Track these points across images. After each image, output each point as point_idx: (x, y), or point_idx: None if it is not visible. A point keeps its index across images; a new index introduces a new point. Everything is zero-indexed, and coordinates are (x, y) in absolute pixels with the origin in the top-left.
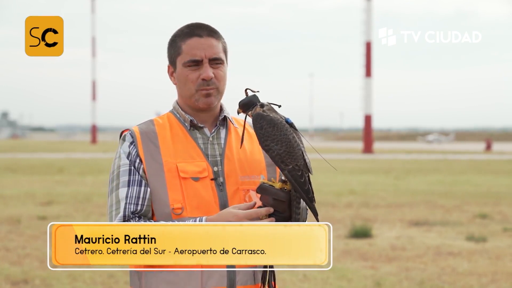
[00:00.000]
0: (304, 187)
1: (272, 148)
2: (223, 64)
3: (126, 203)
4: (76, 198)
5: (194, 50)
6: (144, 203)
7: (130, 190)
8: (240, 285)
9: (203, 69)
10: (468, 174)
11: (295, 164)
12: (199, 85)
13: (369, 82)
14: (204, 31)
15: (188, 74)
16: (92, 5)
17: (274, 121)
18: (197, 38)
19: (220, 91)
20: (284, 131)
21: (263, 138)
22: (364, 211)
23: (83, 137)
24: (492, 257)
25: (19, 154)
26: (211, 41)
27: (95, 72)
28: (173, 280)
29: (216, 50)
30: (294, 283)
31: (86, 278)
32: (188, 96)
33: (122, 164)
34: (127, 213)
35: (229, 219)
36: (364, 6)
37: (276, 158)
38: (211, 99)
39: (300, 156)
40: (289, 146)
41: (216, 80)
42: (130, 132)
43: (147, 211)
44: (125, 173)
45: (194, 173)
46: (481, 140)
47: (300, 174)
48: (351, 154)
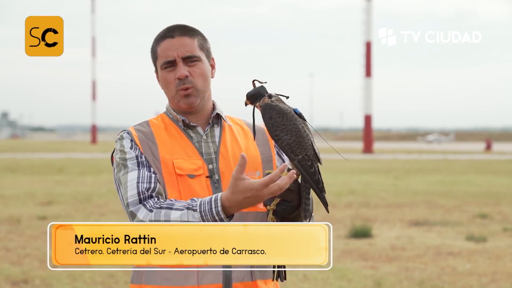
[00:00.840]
0: (314, 177)
1: (281, 138)
2: (199, 61)
3: (138, 182)
4: (76, 198)
5: (166, 52)
6: (156, 181)
7: (141, 171)
8: (236, 281)
9: (178, 68)
10: (468, 174)
11: (304, 154)
12: (177, 85)
13: (369, 82)
14: (176, 31)
15: (166, 76)
16: (92, 5)
17: (283, 110)
18: (169, 40)
19: (200, 89)
20: (293, 121)
21: (273, 128)
22: (364, 211)
23: (83, 137)
24: (492, 257)
25: (19, 154)
26: (184, 40)
27: (95, 72)
28: (170, 277)
29: (188, 48)
30: (294, 283)
31: (86, 278)
32: (170, 98)
33: (128, 152)
34: (140, 190)
35: (249, 198)
36: (364, 6)
37: (286, 148)
38: (191, 99)
39: (310, 146)
40: (298, 136)
41: (192, 78)
42: (127, 131)
43: (160, 190)
44: (132, 159)
45: (190, 171)
46: (481, 140)
47: (310, 164)
48: (351, 154)
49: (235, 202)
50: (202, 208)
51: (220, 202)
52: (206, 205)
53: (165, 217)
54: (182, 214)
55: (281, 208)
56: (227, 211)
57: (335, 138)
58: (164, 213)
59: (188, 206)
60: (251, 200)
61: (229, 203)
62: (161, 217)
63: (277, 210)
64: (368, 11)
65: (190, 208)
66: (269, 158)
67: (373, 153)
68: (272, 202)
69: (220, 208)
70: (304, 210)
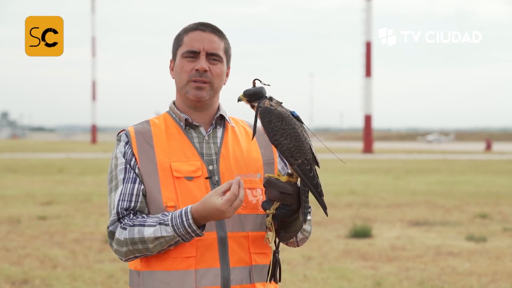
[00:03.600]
0: (313, 181)
1: (281, 142)
2: (221, 62)
3: (119, 200)
4: (76, 198)
5: (193, 42)
6: (138, 199)
7: (124, 187)
8: (235, 284)
9: (199, 60)
10: (468, 174)
11: (304, 158)
12: (192, 75)
13: (369, 82)
14: (208, 27)
15: (184, 64)
16: (92, 5)
17: (282, 115)
18: (200, 32)
19: (214, 87)
20: (292, 125)
21: (272, 132)
22: (364, 211)
23: (83, 137)
24: (492, 257)
25: (19, 154)
26: (213, 37)
27: (95, 72)
28: (167, 279)
29: (215, 45)
30: (294, 283)
31: (86, 278)
32: (180, 87)
33: (119, 163)
34: (119, 210)
35: (215, 215)
36: (364, 6)
37: (286, 152)
38: (202, 93)
39: (309, 149)
40: (298, 140)
41: (210, 75)
42: (126, 132)
43: (142, 207)
44: (121, 172)
45: (188, 173)
46: (481, 140)
47: (309, 168)
48: (351, 154)
49: (204, 215)
50: (174, 222)
51: (190, 215)
52: (177, 219)
53: (139, 234)
54: (155, 230)
55: (280, 212)
56: (198, 222)
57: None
58: (137, 230)
59: (160, 221)
60: (217, 217)
61: (198, 215)
62: (135, 235)
63: (276, 214)
64: (368, 11)
65: (162, 223)
66: (270, 161)
67: (373, 153)
68: (271, 206)
69: (192, 221)
70: (303, 213)
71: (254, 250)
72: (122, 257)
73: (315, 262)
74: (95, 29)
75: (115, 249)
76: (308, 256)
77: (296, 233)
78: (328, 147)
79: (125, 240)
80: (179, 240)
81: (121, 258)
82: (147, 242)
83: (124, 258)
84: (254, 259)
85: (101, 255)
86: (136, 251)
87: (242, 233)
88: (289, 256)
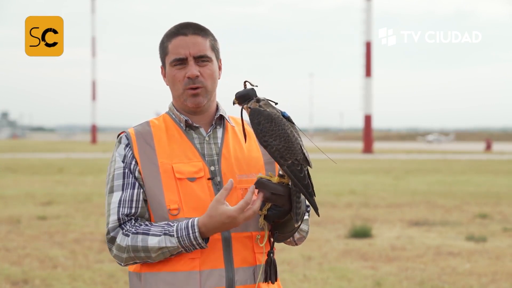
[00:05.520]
0: (303, 181)
1: (270, 143)
2: (210, 61)
3: (119, 206)
4: (76, 198)
5: (178, 49)
6: (138, 205)
7: (124, 194)
8: (239, 284)
9: (188, 67)
10: (468, 174)
11: (294, 158)
12: (185, 84)
13: (369, 82)
14: (189, 29)
15: (175, 73)
16: (92, 5)
17: (271, 116)
18: (182, 37)
19: (209, 90)
20: (282, 126)
21: (261, 134)
22: (364, 211)
23: (83, 137)
24: (492, 257)
25: (19, 154)
26: (197, 38)
27: (95, 72)
28: (171, 281)
29: (201, 47)
30: (294, 283)
31: (86, 278)
32: (177, 96)
33: (117, 168)
34: (120, 216)
35: (226, 224)
36: (364, 6)
37: (275, 153)
38: (199, 99)
39: (299, 150)
40: (287, 141)
41: (202, 78)
42: (126, 134)
43: (142, 213)
44: (119, 176)
45: (190, 174)
46: (481, 140)
47: (299, 169)
48: (351, 154)
49: (212, 227)
50: (180, 234)
51: (197, 228)
52: (183, 231)
53: (143, 243)
54: (159, 240)
55: (272, 213)
56: (203, 235)
57: (335, 138)
58: (141, 239)
59: (165, 232)
60: (227, 226)
61: (205, 228)
62: (138, 243)
63: (268, 214)
64: (368, 11)
65: (167, 234)
66: (271, 160)
67: (373, 153)
68: (263, 207)
69: (198, 234)
70: (296, 214)
71: (258, 250)
72: (121, 262)
73: (315, 262)
74: (95, 29)
75: (115, 254)
76: (308, 256)
77: (292, 234)
78: (318, 146)
79: (127, 247)
80: (182, 251)
81: (120, 263)
82: (150, 251)
83: (123, 263)
84: (258, 259)
85: (101, 255)
86: (137, 258)
87: (246, 233)
88: (289, 256)
